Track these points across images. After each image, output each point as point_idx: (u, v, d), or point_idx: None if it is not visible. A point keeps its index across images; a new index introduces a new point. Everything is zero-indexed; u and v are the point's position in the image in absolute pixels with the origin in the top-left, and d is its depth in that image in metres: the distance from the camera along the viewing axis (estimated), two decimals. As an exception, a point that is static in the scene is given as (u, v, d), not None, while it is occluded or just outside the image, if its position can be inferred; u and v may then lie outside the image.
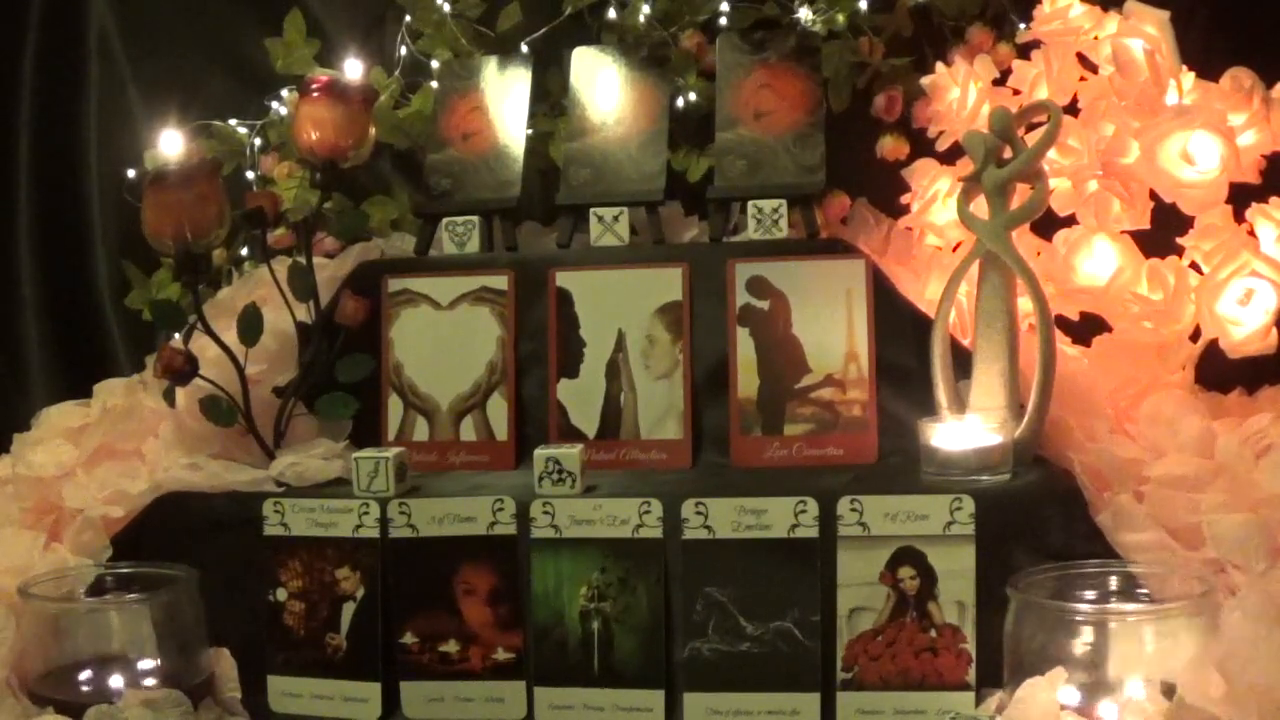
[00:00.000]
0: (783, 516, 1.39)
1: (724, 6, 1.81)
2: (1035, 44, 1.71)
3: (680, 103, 1.83)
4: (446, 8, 1.91)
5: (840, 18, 1.76)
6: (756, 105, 1.73)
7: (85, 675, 1.39)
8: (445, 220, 1.75)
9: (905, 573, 1.36)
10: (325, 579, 1.48)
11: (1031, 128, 1.56)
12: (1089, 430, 1.48)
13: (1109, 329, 1.63)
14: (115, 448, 1.64)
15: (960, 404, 1.51)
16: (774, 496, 1.40)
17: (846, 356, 1.58)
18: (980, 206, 1.52)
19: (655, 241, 1.72)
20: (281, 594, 1.49)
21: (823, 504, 1.38)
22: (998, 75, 1.72)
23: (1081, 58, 1.68)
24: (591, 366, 1.63)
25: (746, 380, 1.59)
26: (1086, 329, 1.65)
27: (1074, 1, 1.68)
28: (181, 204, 1.52)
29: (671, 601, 1.41)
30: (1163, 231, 1.61)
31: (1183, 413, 1.48)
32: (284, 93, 2.00)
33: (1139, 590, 1.31)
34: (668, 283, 1.63)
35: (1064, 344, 1.60)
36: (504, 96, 1.83)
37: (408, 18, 1.94)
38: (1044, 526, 1.38)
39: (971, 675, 1.35)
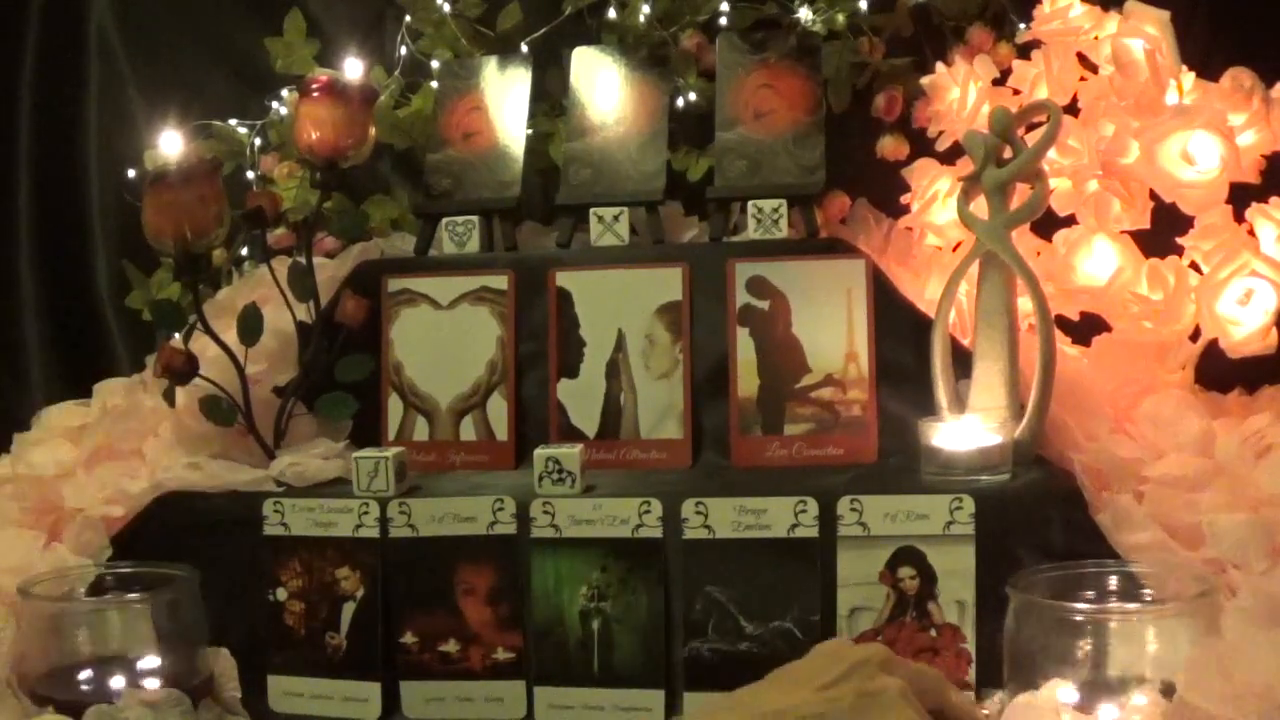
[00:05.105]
0: (783, 516, 1.39)
1: (724, 6, 1.81)
2: (1035, 44, 1.71)
3: (680, 103, 1.83)
4: (446, 8, 1.91)
5: (840, 18, 1.76)
6: (756, 105, 1.73)
7: (85, 675, 1.39)
8: (445, 220, 1.75)
9: (905, 572, 1.36)
10: (325, 579, 1.48)
11: (1031, 128, 1.56)
12: (1089, 430, 1.48)
13: (1109, 329, 1.63)
14: (115, 448, 1.64)
15: (960, 404, 1.51)
16: (774, 496, 1.40)
17: (846, 356, 1.58)
18: (980, 206, 1.52)
19: (655, 241, 1.72)
20: (281, 594, 1.49)
21: (823, 504, 1.38)
22: (998, 75, 1.72)
23: (1081, 58, 1.68)
24: (591, 366, 1.63)
25: (746, 380, 1.59)
26: (1086, 329, 1.65)
27: (1074, 1, 1.68)
28: (181, 204, 1.52)
29: (671, 601, 1.41)
30: (1163, 231, 1.61)
31: (1183, 413, 1.48)
32: (284, 93, 2.00)
33: (1139, 590, 1.31)
34: (668, 283, 1.63)
35: (1064, 344, 1.60)
36: (504, 96, 1.83)
37: (408, 18, 1.95)
38: (1044, 526, 1.38)
39: (971, 675, 1.35)
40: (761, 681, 1.01)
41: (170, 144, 1.58)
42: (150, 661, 1.39)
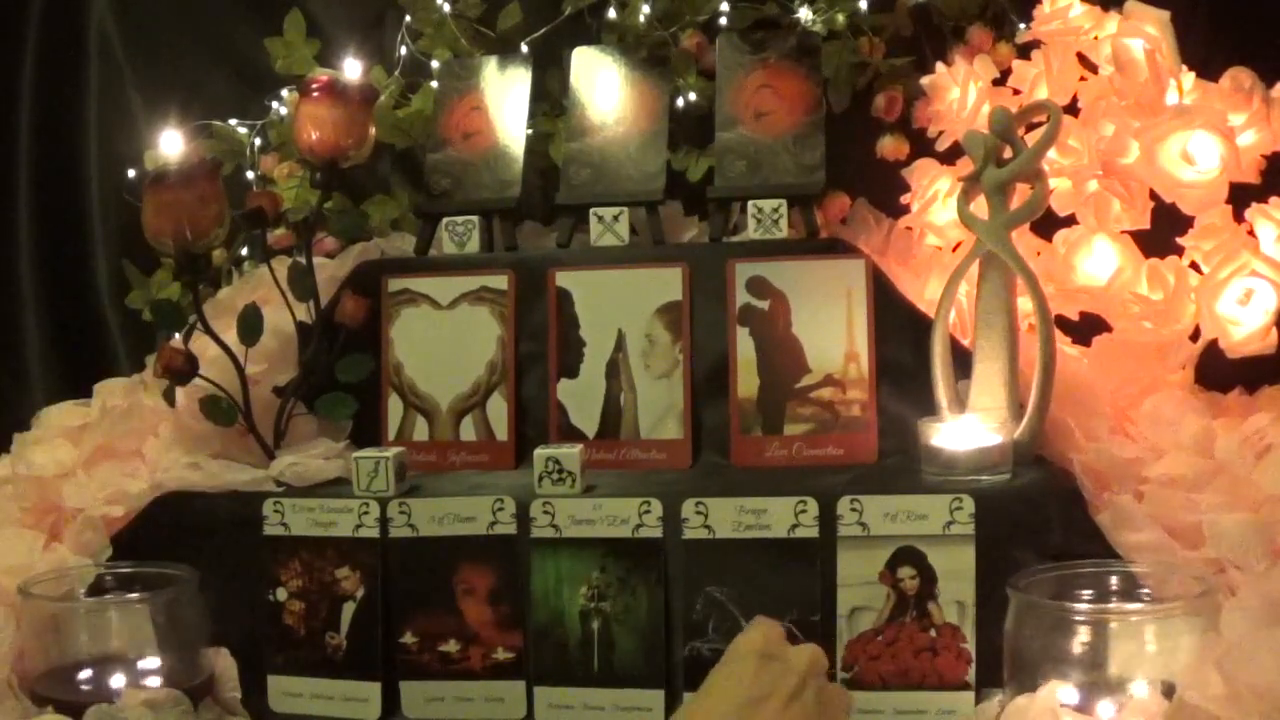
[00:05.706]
0: (783, 516, 1.39)
1: (724, 6, 1.81)
2: (1035, 44, 1.71)
3: (680, 103, 1.83)
4: (446, 8, 1.91)
5: (840, 18, 1.76)
6: (756, 105, 1.73)
7: (85, 675, 1.39)
8: (445, 220, 1.75)
9: (905, 573, 1.36)
10: (325, 579, 1.48)
11: (1031, 128, 1.56)
12: (1089, 430, 1.48)
13: (1109, 329, 1.63)
14: (115, 448, 1.64)
15: (960, 404, 1.51)
16: (774, 496, 1.40)
17: (846, 356, 1.58)
18: (980, 206, 1.52)
19: (655, 241, 1.72)
20: (281, 594, 1.49)
21: (823, 504, 1.38)
22: (998, 75, 1.72)
23: (1081, 58, 1.68)
24: (591, 366, 1.63)
25: (746, 380, 1.59)
26: (1086, 329, 1.65)
27: (1074, 1, 1.68)
28: (181, 204, 1.52)
29: (671, 601, 1.41)
30: (1163, 231, 1.61)
31: (1183, 413, 1.48)
32: (284, 93, 2.00)
33: (1139, 590, 1.31)
34: (668, 283, 1.63)
35: (1064, 344, 1.60)
36: (504, 96, 1.83)
37: (408, 18, 1.95)
38: (1044, 526, 1.38)
39: (971, 675, 1.35)
40: (705, 699, 1.04)
41: (170, 144, 1.58)
42: (150, 661, 1.40)
